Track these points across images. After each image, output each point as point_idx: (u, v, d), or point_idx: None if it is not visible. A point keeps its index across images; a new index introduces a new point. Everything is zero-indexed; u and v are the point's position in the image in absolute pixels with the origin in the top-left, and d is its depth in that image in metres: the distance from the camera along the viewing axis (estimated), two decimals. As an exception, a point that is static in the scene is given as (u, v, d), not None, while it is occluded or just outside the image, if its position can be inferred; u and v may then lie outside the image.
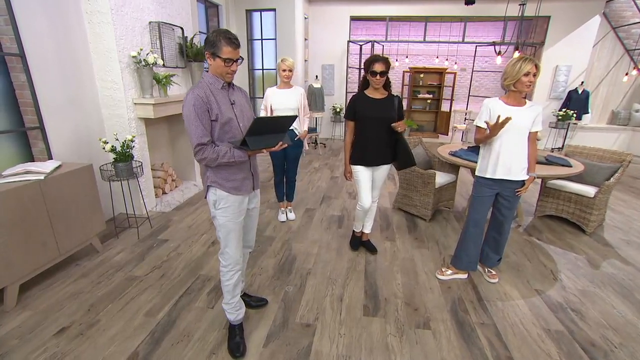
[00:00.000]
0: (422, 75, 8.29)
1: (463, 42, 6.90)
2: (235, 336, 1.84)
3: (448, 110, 8.40)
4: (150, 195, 3.54)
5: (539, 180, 3.75)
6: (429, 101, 8.37)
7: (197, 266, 2.60)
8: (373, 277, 2.53)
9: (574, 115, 6.91)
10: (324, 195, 4.28)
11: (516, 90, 2.06)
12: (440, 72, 8.14)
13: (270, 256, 2.80)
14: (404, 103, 8.65)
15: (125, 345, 1.83)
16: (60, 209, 2.36)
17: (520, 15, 3.82)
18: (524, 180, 2.22)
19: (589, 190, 3.26)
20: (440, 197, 3.57)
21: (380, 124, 2.46)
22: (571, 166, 3.17)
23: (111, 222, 3.19)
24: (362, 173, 2.57)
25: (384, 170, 2.62)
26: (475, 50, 6.98)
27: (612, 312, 2.20)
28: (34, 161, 2.69)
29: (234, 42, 1.52)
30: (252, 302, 2.16)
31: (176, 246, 2.90)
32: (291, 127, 3.12)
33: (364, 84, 2.48)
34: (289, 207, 3.56)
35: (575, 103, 7.06)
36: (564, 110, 7.01)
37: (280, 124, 1.64)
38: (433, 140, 7.98)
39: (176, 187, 4.23)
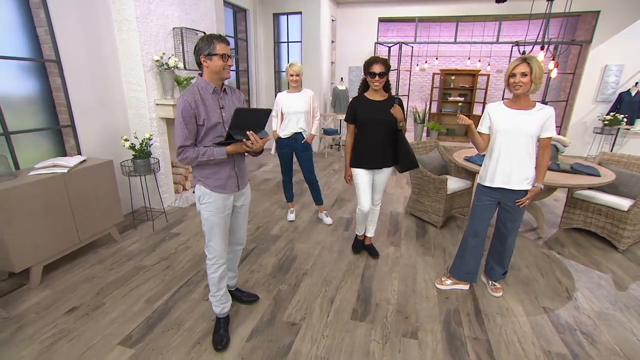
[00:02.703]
0: (453, 78, 7.98)
1: (497, 42, 6.55)
2: (220, 329, 1.91)
3: (480, 114, 8.00)
4: (169, 190, 3.77)
5: (565, 190, 3.46)
6: (460, 104, 8.04)
7: (201, 260, 2.73)
8: (369, 282, 2.49)
9: (625, 119, 6.28)
10: (337, 197, 4.28)
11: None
12: (473, 74, 7.78)
13: (271, 254, 2.86)
14: (434, 106, 8.39)
15: (122, 328, 1.98)
16: (81, 200, 2.60)
17: (547, 12, 3.54)
18: (527, 191, 2.08)
19: (622, 203, 2.96)
20: (453, 204, 3.43)
21: (380, 126, 2.43)
22: (599, 175, 2.90)
23: (132, 214, 3.44)
24: (361, 176, 2.55)
25: (386, 173, 2.58)
26: (512, 51, 6.59)
27: (631, 339, 1.99)
28: (66, 156, 2.99)
29: (224, 39, 1.62)
30: (244, 297, 2.23)
31: (186, 240, 3.06)
32: (300, 130, 3.18)
33: (364, 86, 2.46)
34: (325, 212, 3.54)
35: (627, 106, 6.40)
36: (612, 114, 6.39)
37: (258, 117, 1.69)
38: (464, 145, 7.64)
39: (197, 184, 4.45)
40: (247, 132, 1.62)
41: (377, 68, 2.29)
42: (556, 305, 2.26)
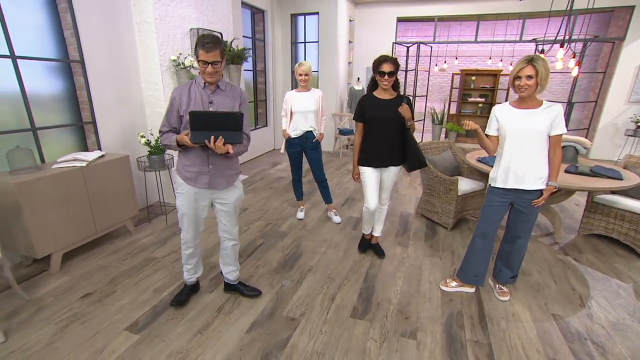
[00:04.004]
0: (473, 78, 7.76)
1: (520, 41, 6.32)
2: (183, 293, 2.20)
3: (503, 115, 7.73)
4: (184, 186, 3.89)
5: (585, 194, 3.30)
6: (480, 105, 7.81)
7: (209, 254, 2.81)
8: (372, 281, 2.48)
9: (659, 122, 5.90)
10: (348, 197, 4.27)
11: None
12: (495, 74, 7.54)
13: (278, 251, 2.90)
14: (453, 107, 8.20)
15: (129, 315, 2.07)
16: (98, 192, 2.74)
17: (568, 8, 3.36)
18: (542, 190, 2.01)
19: (647, 209, 2.79)
20: (465, 205, 3.35)
21: (389, 124, 2.42)
22: (622, 179, 2.74)
23: (147, 208, 3.59)
24: (368, 174, 2.54)
25: (393, 172, 2.56)
26: (536, 49, 6.33)
27: (647, 351, 1.88)
28: (88, 151, 3.16)
29: (205, 45, 1.65)
30: (246, 291, 2.27)
31: (196, 234, 3.15)
32: (310, 129, 3.21)
33: (373, 84, 2.46)
34: (334, 210, 3.55)
35: (663, 108, 6.02)
36: (646, 116, 6.02)
37: (224, 121, 1.68)
38: (483, 147, 7.43)
39: (211, 180, 4.57)
40: (213, 137, 1.64)
41: (386, 67, 2.29)
42: (567, 313, 2.17)
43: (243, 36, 5.32)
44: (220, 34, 4.10)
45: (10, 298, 2.20)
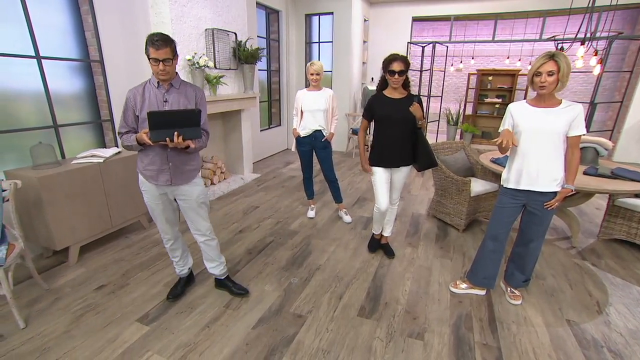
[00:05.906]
0: (490, 78, 7.59)
1: (539, 39, 6.14)
2: (178, 285, 2.27)
3: (521, 116, 7.52)
4: (197, 184, 3.96)
5: (606, 197, 3.18)
6: (497, 106, 7.62)
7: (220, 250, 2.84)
8: (381, 280, 2.46)
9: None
10: (359, 197, 4.26)
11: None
12: (512, 74, 7.34)
13: (287, 249, 2.92)
14: (469, 107, 8.04)
15: (141, 307, 2.13)
16: (114, 188, 2.82)
17: (590, 5, 3.22)
18: (556, 192, 1.95)
19: (672, 214, 2.66)
20: (477, 207, 3.28)
21: (399, 124, 2.40)
22: (645, 182, 2.63)
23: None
24: (379, 174, 2.53)
25: (404, 171, 2.54)
26: (556, 48, 6.14)
27: (668, 362, 1.79)
28: (105, 147, 3.26)
29: (155, 43, 1.65)
30: (234, 288, 2.27)
31: (208, 230, 3.20)
32: (319, 128, 3.21)
33: (383, 83, 2.45)
34: (344, 210, 3.56)
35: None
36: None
37: (182, 118, 1.68)
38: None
39: (224, 179, 4.64)
40: (175, 134, 1.65)
41: (396, 66, 2.27)
42: (583, 319, 2.09)
43: (258, 36, 5.39)
44: (235, 34, 4.17)
45: (32, 287, 2.30)
